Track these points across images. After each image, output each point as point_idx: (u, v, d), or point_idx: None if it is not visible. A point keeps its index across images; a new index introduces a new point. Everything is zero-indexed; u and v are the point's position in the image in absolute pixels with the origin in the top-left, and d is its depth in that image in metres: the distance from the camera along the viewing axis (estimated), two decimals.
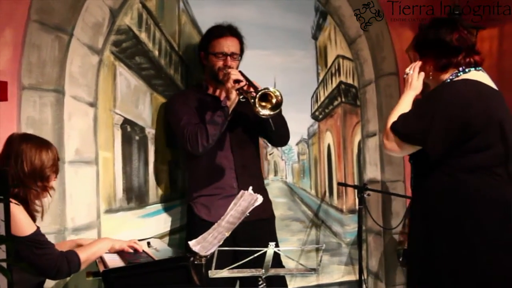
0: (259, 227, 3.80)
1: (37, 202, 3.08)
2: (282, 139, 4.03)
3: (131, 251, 3.24)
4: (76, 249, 3.10)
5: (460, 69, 3.20)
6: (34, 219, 3.06)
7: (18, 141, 3.08)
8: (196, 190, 3.90)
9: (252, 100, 3.53)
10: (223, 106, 3.67)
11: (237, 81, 3.65)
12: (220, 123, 3.67)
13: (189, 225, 3.95)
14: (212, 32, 3.93)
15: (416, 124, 3.08)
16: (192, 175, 3.97)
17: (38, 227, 3.01)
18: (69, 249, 3.10)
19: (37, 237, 2.94)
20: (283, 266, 3.57)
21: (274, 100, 3.53)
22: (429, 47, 3.26)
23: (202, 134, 3.68)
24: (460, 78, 3.17)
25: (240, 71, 3.73)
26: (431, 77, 3.26)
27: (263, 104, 3.54)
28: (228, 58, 3.86)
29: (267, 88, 3.51)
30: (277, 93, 3.51)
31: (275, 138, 3.98)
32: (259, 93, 3.50)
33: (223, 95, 3.73)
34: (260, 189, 3.91)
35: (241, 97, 3.65)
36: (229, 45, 3.88)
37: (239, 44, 3.93)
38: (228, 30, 3.91)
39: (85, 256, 3.06)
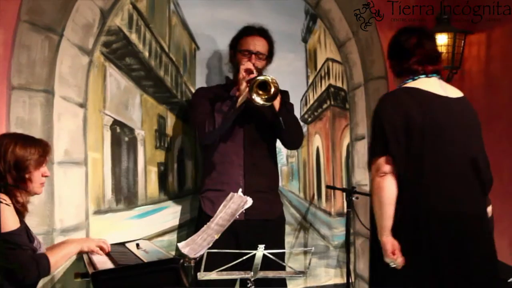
0: (264, 227, 3.84)
1: (19, 199, 3.05)
2: (293, 140, 4.06)
3: (100, 252, 3.23)
4: (46, 252, 3.08)
5: (411, 76, 3.26)
6: (21, 217, 3.04)
7: (2, 137, 3.10)
8: (205, 184, 3.97)
9: (250, 85, 3.61)
10: (232, 96, 3.73)
11: (248, 72, 3.70)
12: (227, 112, 3.72)
13: (197, 220, 3.99)
14: (242, 31, 4.00)
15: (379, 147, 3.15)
16: (204, 168, 4.05)
17: (20, 227, 2.98)
18: (40, 252, 3.07)
19: (11, 237, 2.90)
20: (284, 268, 3.60)
21: (272, 90, 3.62)
22: (389, 52, 3.39)
23: (209, 122, 3.75)
24: (406, 85, 3.25)
25: (257, 67, 3.81)
26: (395, 81, 3.35)
27: (260, 92, 3.64)
28: (253, 56, 3.91)
29: (267, 76, 3.63)
30: (276, 83, 3.62)
31: (286, 138, 4.00)
32: (259, 78, 3.61)
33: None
34: (270, 189, 3.97)
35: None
36: (255, 43, 3.94)
37: (267, 45, 3.99)
38: (257, 30, 3.98)
39: (54, 259, 3.05)
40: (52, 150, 3.67)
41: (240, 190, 3.32)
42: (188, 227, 4.17)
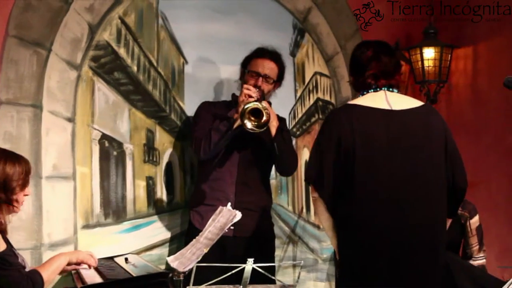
0: (252, 245, 3.86)
1: (1, 219, 3.01)
2: (286, 168, 4.07)
3: (89, 262, 3.21)
4: (38, 268, 3.06)
5: (364, 91, 3.26)
6: (4, 236, 3.03)
7: None
8: (197, 198, 3.99)
9: (242, 110, 3.62)
10: (229, 117, 3.75)
11: (249, 96, 3.72)
12: (223, 131, 3.75)
13: (187, 233, 4.01)
14: (255, 51, 4.02)
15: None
16: (197, 183, 4.06)
17: (7, 247, 2.96)
18: (31, 269, 3.06)
19: (5, 257, 2.88)
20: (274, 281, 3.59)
21: (263, 119, 3.63)
22: (350, 67, 3.40)
23: (206, 140, 3.78)
24: (351, 101, 3.29)
25: (262, 93, 3.82)
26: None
27: (252, 118, 3.64)
28: (261, 78, 3.91)
29: (260, 104, 3.63)
30: (268, 112, 3.64)
31: (279, 164, 4.00)
32: (250, 106, 3.61)
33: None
34: (260, 208, 3.99)
35: None
36: (264, 66, 3.94)
37: (277, 70, 3.99)
38: (268, 53, 3.99)
39: (46, 275, 3.02)
40: (40, 165, 3.67)
41: (229, 204, 3.31)
42: (177, 241, 4.16)
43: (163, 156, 4.19)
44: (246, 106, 3.62)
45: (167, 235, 4.16)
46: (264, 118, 3.64)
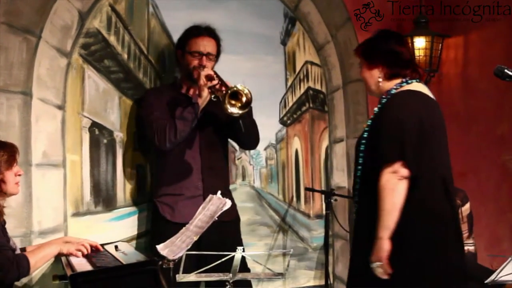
0: (223, 230, 3.78)
1: None
2: (252, 142, 4.05)
3: (79, 255, 3.22)
4: (26, 253, 3.08)
5: (403, 80, 3.28)
6: None
7: None
8: (161, 188, 3.91)
9: (222, 98, 3.55)
10: (194, 103, 3.69)
11: (209, 78, 3.67)
12: (190, 120, 3.68)
13: (153, 224, 3.97)
14: (190, 31, 3.94)
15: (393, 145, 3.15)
16: (159, 172, 3.98)
17: None
18: (19, 253, 3.07)
19: None
20: (249, 270, 3.58)
21: (244, 99, 3.55)
22: (380, 56, 3.33)
23: (170, 129, 3.69)
24: (405, 88, 3.26)
25: (214, 71, 3.74)
26: (380, 83, 3.32)
27: (233, 102, 3.56)
28: (204, 57, 3.87)
29: (237, 86, 3.53)
30: (247, 91, 3.54)
31: (245, 140, 3.98)
32: (230, 91, 3.52)
33: (196, 92, 3.75)
34: (226, 190, 3.95)
35: (212, 96, 3.67)
36: (205, 44, 3.89)
37: (216, 46, 3.95)
38: (205, 30, 3.93)
39: (34, 260, 3.04)
40: (30, 152, 3.66)
41: (219, 192, 3.31)
42: None
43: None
44: (226, 92, 3.52)
45: None
46: (245, 98, 3.55)
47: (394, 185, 3.09)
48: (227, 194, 3.96)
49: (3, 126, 3.59)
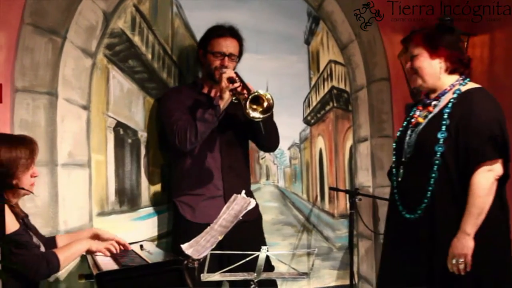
0: (246, 229, 3.77)
1: (11, 201, 3.04)
2: (271, 145, 4.03)
3: (108, 254, 3.23)
4: (56, 250, 3.08)
5: (462, 77, 3.26)
6: (18, 217, 3.04)
7: None
8: (181, 188, 3.91)
9: (244, 102, 3.54)
10: (215, 105, 3.67)
11: (231, 81, 3.65)
12: (210, 121, 3.67)
13: (174, 225, 3.97)
14: (213, 31, 3.93)
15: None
16: (178, 172, 3.96)
17: (20, 227, 2.99)
18: (49, 250, 3.08)
19: (17, 237, 2.90)
20: (273, 269, 3.58)
21: (265, 104, 3.55)
22: (445, 47, 3.27)
23: (191, 130, 3.68)
24: (474, 86, 3.28)
25: (236, 73, 3.73)
26: (440, 76, 3.27)
27: (254, 106, 3.55)
28: (226, 58, 3.86)
29: (258, 91, 3.53)
30: (269, 97, 3.53)
31: (265, 142, 3.97)
32: (251, 96, 3.52)
33: (217, 94, 3.74)
34: (247, 191, 3.92)
35: (233, 98, 3.66)
36: (228, 45, 3.88)
37: (238, 46, 3.93)
38: (228, 31, 3.92)
39: (63, 257, 3.04)
40: (56, 152, 3.69)
41: (244, 192, 3.31)
42: None
43: None
44: (247, 98, 3.52)
45: None
46: (266, 103, 3.54)
47: (491, 184, 3.11)
48: (248, 194, 3.96)
49: (29, 126, 3.62)
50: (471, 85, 3.28)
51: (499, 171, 3.11)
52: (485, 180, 3.10)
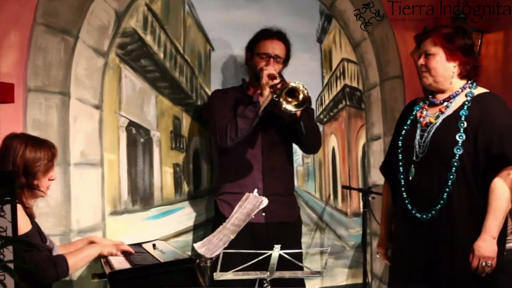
0: (282, 230, 3.86)
1: (24, 201, 3.03)
2: (312, 145, 4.06)
3: (121, 255, 3.22)
4: (65, 254, 3.07)
5: (471, 81, 3.25)
6: (32, 219, 3.05)
7: (10, 139, 3.07)
8: (222, 186, 3.96)
9: (278, 93, 3.58)
10: (255, 102, 3.71)
11: (271, 77, 3.68)
12: (251, 118, 3.70)
13: (214, 222, 3.97)
14: (260, 33, 3.98)
15: None
16: (220, 171, 4.04)
17: (33, 228, 2.98)
18: (59, 254, 3.07)
19: (28, 239, 2.89)
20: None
21: (301, 97, 3.58)
22: (463, 51, 3.25)
23: (232, 127, 3.73)
24: (485, 90, 3.27)
25: (278, 72, 3.77)
26: (452, 79, 3.26)
27: (289, 99, 3.59)
28: (271, 60, 3.89)
29: (293, 83, 3.57)
30: (302, 88, 3.57)
31: (305, 143, 3.99)
32: (287, 87, 3.56)
33: (258, 91, 3.77)
34: (287, 193, 4.01)
35: (274, 96, 3.66)
36: (274, 47, 3.91)
37: (285, 49, 3.97)
38: (275, 33, 3.96)
39: (73, 261, 3.03)
40: (68, 152, 3.70)
41: (256, 190, 3.31)
42: (204, 227, 4.17)
43: (190, 143, 4.19)
44: (283, 87, 3.57)
45: (194, 221, 4.17)
46: (301, 96, 3.58)
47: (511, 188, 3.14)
48: (288, 197, 4.00)
49: (42, 126, 3.63)
50: (480, 89, 3.27)
51: None
52: (508, 184, 3.11)
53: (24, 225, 2.93)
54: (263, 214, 3.79)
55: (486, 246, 3.09)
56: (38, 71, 3.64)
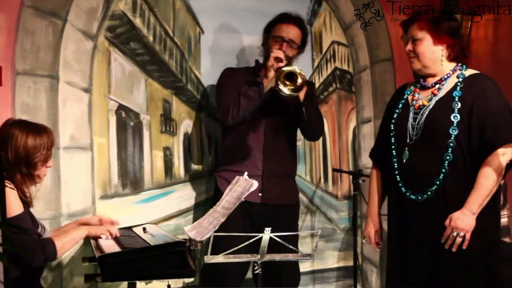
0: (279, 212, 3.89)
1: (24, 188, 3.04)
2: (312, 133, 4.10)
3: (109, 237, 3.22)
4: (53, 237, 3.07)
5: (460, 64, 3.25)
6: (25, 204, 3.04)
7: (9, 126, 3.06)
8: (222, 164, 4.02)
9: (277, 75, 3.60)
10: (259, 82, 3.73)
11: (278, 60, 3.71)
12: (254, 98, 3.74)
13: (213, 199, 3.99)
14: (278, 17, 3.99)
15: None
16: (223, 148, 4.09)
17: (24, 211, 2.98)
18: (46, 237, 3.07)
19: (18, 221, 2.90)
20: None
21: (299, 80, 3.61)
22: (449, 34, 3.27)
23: (234, 106, 3.78)
24: (476, 72, 3.28)
25: (286, 56, 3.79)
26: (442, 62, 3.26)
27: (287, 82, 3.62)
28: (285, 43, 3.89)
29: (291, 67, 3.61)
30: (299, 71, 3.61)
31: (307, 129, 4.02)
32: (287, 69, 3.61)
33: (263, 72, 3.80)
34: (287, 176, 4.04)
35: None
36: (289, 31, 3.92)
37: (301, 35, 3.97)
38: (292, 18, 3.97)
39: (60, 243, 3.03)
40: (58, 135, 3.68)
41: (246, 173, 3.31)
42: (194, 211, 4.18)
43: (180, 126, 4.18)
44: (281, 70, 3.60)
45: (184, 205, 4.17)
46: (300, 80, 3.61)
47: (503, 168, 3.13)
48: (288, 179, 4.03)
49: (31, 109, 3.61)
50: (471, 70, 3.28)
51: (510, 155, 3.12)
52: (499, 163, 3.11)
53: (16, 208, 2.93)
54: (260, 194, 3.82)
55: (463, 218, 3.09)
56: (26, 54, 3.61)
